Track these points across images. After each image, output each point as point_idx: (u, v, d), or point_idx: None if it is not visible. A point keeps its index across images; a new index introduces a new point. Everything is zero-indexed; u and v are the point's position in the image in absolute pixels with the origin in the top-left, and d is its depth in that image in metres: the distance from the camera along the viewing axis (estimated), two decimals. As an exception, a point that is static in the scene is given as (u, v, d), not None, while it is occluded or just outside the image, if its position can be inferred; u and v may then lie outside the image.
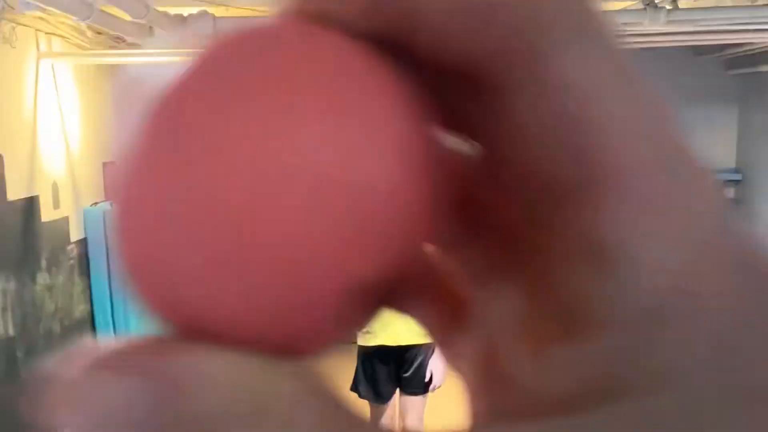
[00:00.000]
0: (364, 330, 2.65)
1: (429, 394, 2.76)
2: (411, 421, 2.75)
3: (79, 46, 3.64)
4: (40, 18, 3.16)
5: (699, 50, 4.36)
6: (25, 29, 3.13)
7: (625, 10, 2.83)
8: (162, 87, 0.14)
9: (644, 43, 2.72)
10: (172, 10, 2.78)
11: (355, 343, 2.72)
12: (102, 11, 2.47)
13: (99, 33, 3.77)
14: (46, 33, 3.35)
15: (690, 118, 4.54)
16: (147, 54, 3.88)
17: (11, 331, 2.92)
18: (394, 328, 2.62)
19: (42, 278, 3.24)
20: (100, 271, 3.79)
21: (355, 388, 2.75)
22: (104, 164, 4.13)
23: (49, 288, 3.32)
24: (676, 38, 2.99)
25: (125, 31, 2.78)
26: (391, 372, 2.70)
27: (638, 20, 2.70)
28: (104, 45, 3.90)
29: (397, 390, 2.78)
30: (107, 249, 3.79)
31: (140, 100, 0.14)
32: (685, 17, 2.71)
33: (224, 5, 2.94)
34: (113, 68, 4.39)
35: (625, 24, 2.82)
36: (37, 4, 2.37)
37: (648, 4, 2.67)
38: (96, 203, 3.85)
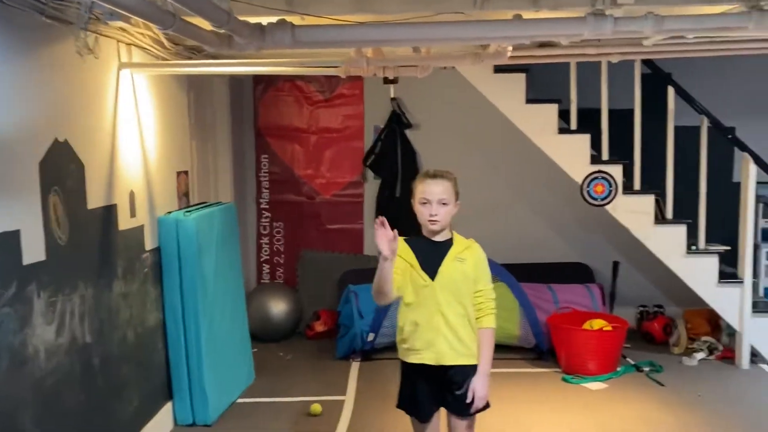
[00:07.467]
0: (406, 346, 2.59)
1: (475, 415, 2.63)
2: None
3: (158, 57, 3.68)
4: (122, 29, 3.20)
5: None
6: (107, 40, 3.17)
7: (725, 15, 2.65)
8: None
9: (749, 49, 2.50)
10: (252, 19, 2.75)
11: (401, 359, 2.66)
12: (183, 20, 2.47)
13: (177, 44, 3.81)
14: (127, 44, 3.39)
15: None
16: (223, 64, 3.91)
17: (88, 338, 2.94)
18: (437, 348, 2.54)
19: (118, 286, 3.26)
20: (172, 279, 3.80)
21: (400, 403, 2.69)
22: (177, 173, 4.16)
23: (125, 296, 3.34)
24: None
25: (205, 40, 2.77)
26: (433, 391, 2.61)
27: (742, 24, 2.51)
28: (181, 56, 3.94)
29: (442, 409, 2.67)
30: (179, 257, 3.81)
31: None
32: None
33: (302, 14, 2.91)
34: (189, 78, 4.44)
35: (726, 29, 2.64)
36: (122, 12, 2.38)
37: (753, 7, 2.48)
38: (170, 212, 3.87)
